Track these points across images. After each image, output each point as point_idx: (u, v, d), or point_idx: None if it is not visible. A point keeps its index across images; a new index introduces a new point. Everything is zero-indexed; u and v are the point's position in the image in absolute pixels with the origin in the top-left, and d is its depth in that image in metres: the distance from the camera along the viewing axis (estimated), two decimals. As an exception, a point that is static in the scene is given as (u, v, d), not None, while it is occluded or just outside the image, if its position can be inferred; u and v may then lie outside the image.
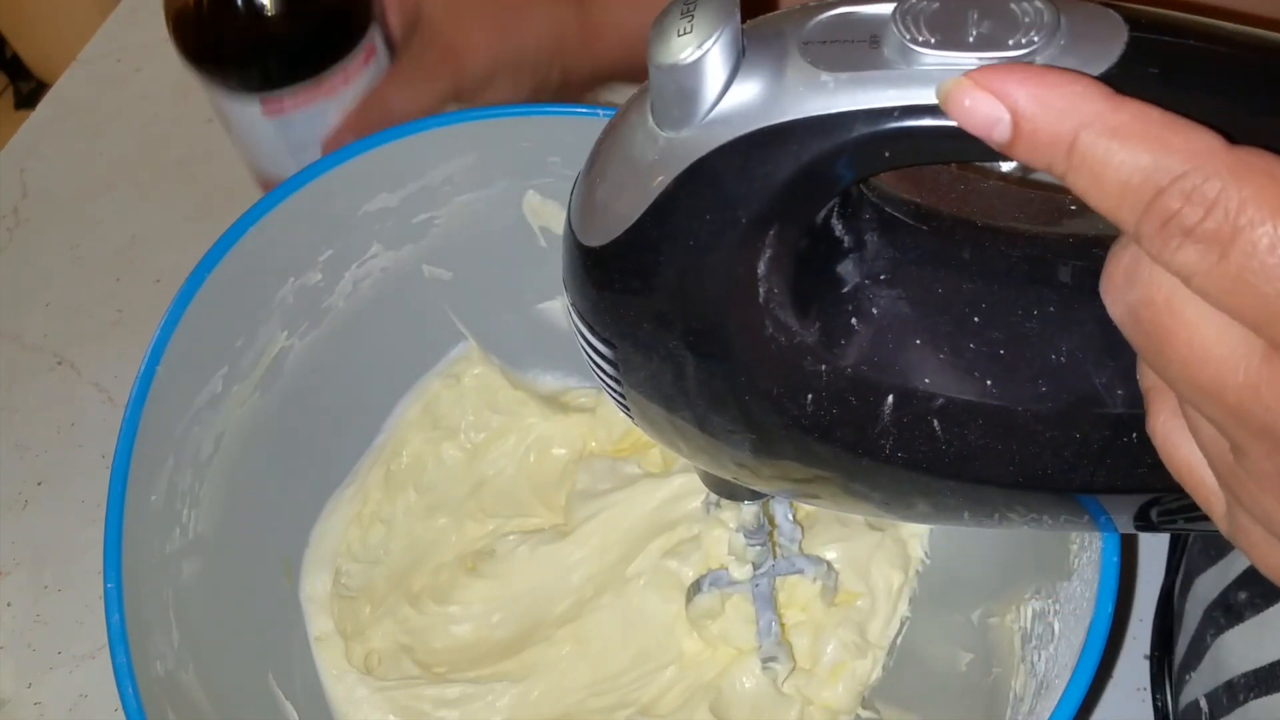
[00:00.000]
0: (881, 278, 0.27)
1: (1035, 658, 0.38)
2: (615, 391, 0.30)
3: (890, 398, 0.27)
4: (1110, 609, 0.35)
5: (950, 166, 0.30)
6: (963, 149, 0.22)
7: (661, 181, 0.25)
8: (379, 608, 0.50)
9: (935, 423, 0.27)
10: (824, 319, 0.27)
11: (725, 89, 0.23)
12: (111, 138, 0.71)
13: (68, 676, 0.50)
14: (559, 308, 0.53)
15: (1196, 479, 0.23)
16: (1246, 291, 0.19)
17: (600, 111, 0.46)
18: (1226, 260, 0.19)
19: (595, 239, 0.27)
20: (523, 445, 0.54)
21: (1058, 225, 0.28)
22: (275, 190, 0.45)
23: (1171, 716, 0.45)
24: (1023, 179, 0.30)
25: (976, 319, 0.27)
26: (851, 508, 0.32)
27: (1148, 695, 0.46)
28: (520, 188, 0.49)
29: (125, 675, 0.36)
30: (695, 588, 0.45)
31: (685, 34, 0.23)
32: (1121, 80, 0.21)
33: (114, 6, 0.78)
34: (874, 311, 0.27)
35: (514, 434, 0.54)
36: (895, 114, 0.22)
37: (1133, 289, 0.21)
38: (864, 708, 0.45)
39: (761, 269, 0.25)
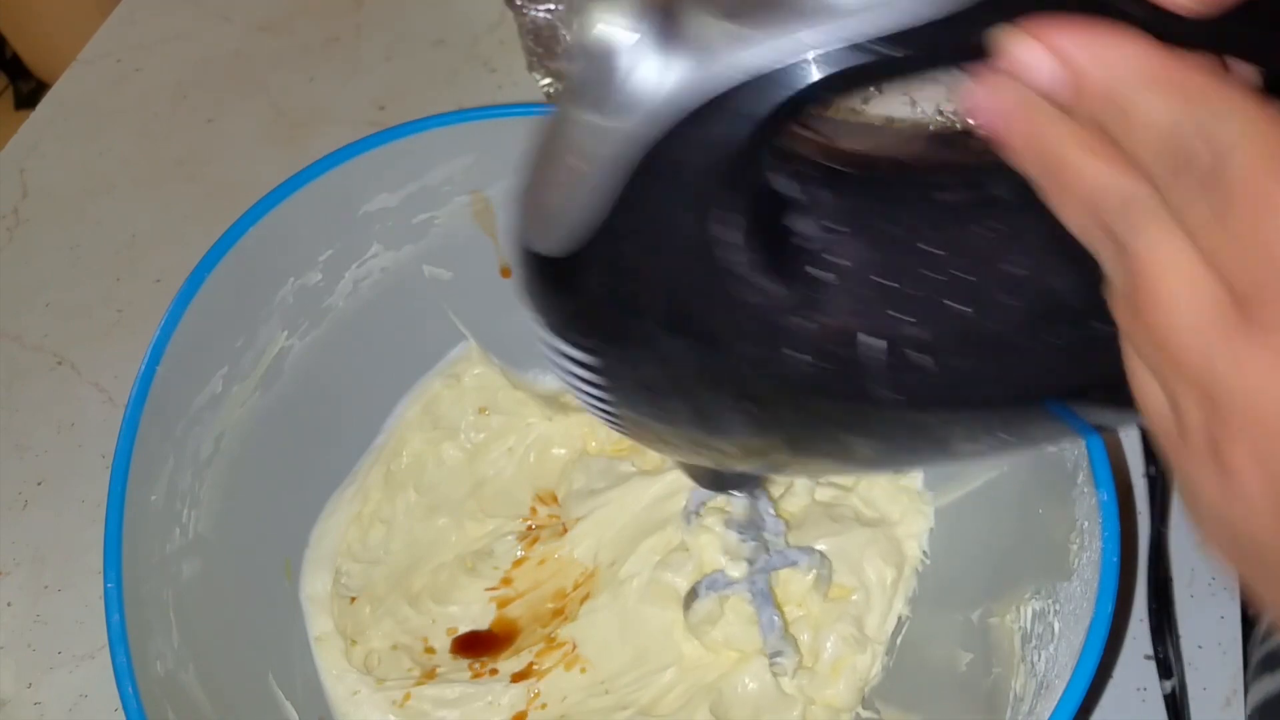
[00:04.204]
0: (841, 229, 0.28)
1: (1035, 658, 0.38)
2: (601, 401, 0.30)
3: (873, 340, 0.27)
4: (1110, 609, 0.35)
5: (860, 118, 0.30)
6: (891, 72, 0.23)
7: (622, 171, 0.25)
8: (379, 608, 0.50)
9: (919, 355, 0.28)
10: (798, 275, 0.27)
11: (665, 62, 0.23)
12: (111, 138, 0.71)
13: (68, 676, 0.50)
14: (559, 308, 0.53)
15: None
16: (1240, 247, 0.19)
17: (600, 111, 0.46)
18: (1230, 214, 0.19)
19: (560, 247, 0.26)
20: (523, 445, 0.54)
21: (973, 154, 0.29)
22: (275, 190, 0.45)
23: (1177, 678, 0.44)
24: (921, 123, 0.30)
25: (934, 249, 0.28)
26: (848, 466, 0.32)
27: (1148, 695, 0.46)
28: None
29: (125, 675, 0.36)
30: (692, 594, 0.45)
31: (612, 18, 0.23)
32: None
33: (114, 6, 0.78)
34: (840, 260, 0.28)
35: (514, 434, 0.54)
36: (833, 53, 0.22)
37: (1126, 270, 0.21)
38: (864, 707, 0.45)
39: (723, 235, 0.25)
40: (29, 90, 1.68)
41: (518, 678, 0.48)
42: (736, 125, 0.24)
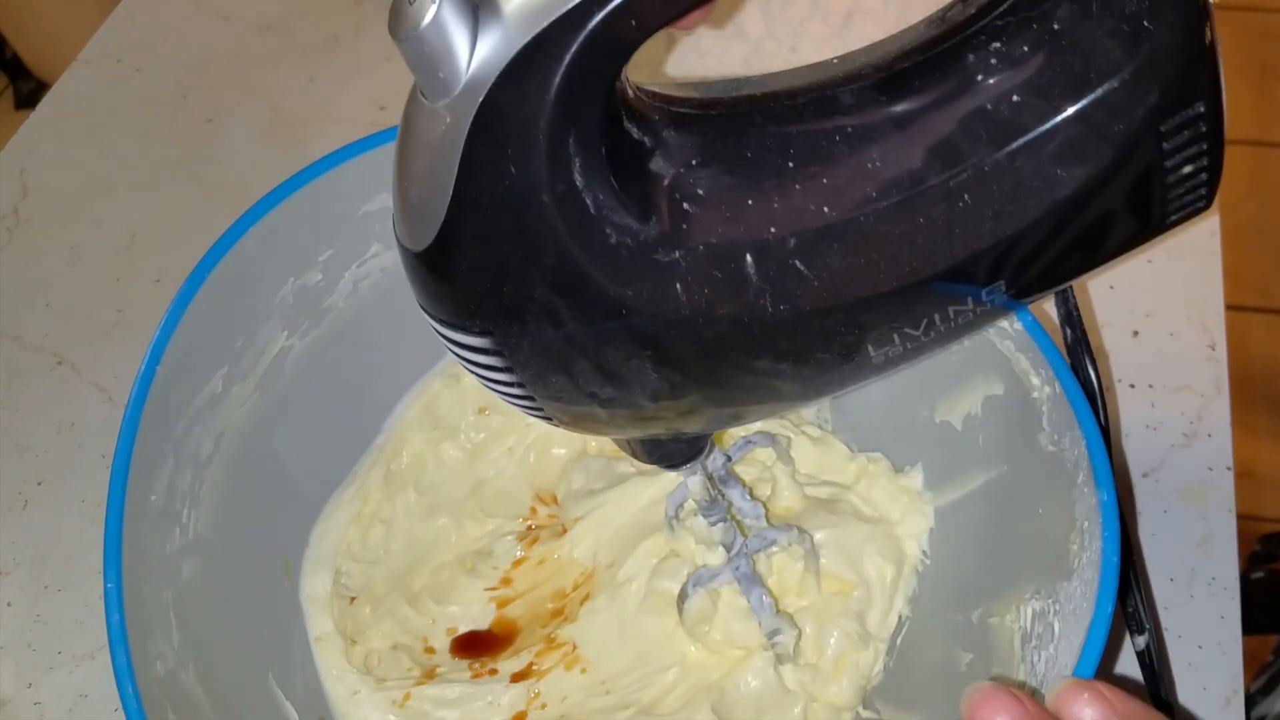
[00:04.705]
0: (694, 162, 0.29)
1: (1035, 658, 0.38)
2: (515, 386, 0.30)
3: (748, 257, 0.28)
4: (1110, 609, 0.35)
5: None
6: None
7: (457, 144, 0.25)
8: (379, 608, 0.50)
9: (798, 263, 0.28)
10: (658, 212, 0.28)
11: (475, 34, 0.24)
12: (111, 138, 0.71)
13: (68, 676, 0.50)
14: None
15: None
16: None
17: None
18: None
19: (426, 237, 0.27)
20: (523, 445, 0.54)
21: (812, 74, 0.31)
22: (275, 190, 0.45)
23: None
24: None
25: (790, 163, 0.29)
26: (780, 402, 0.33)
27: (1147, 695, 0.46)
28: (520, 188, 0.49)
29: (125, 675, 0.36)
30: (682, 596, 0.45)
31: (414, 1, 0.24)
32: None
33: (114, 6, 0.78)
34: (700, 191, 0.28)
35: (514, 434, 0.54)
36: None
37: None
38: (864, 707, 0.45)
39: (579, 180, 0.26)
40: (29, 90, 1.68)
41: (518, 678, 0.48)
42: (548, 74, 0.24)
